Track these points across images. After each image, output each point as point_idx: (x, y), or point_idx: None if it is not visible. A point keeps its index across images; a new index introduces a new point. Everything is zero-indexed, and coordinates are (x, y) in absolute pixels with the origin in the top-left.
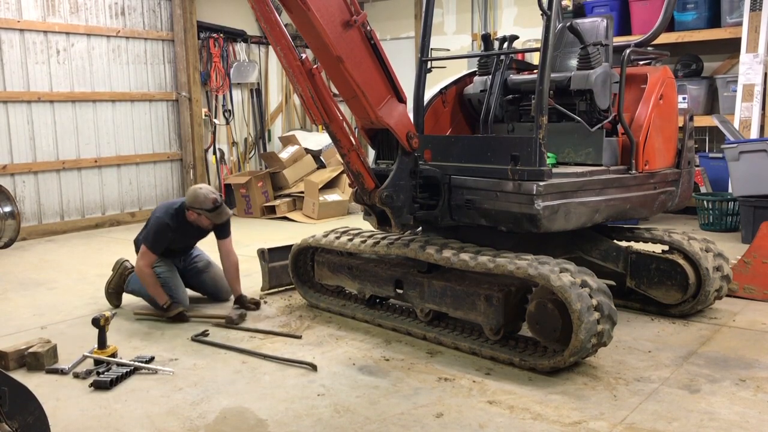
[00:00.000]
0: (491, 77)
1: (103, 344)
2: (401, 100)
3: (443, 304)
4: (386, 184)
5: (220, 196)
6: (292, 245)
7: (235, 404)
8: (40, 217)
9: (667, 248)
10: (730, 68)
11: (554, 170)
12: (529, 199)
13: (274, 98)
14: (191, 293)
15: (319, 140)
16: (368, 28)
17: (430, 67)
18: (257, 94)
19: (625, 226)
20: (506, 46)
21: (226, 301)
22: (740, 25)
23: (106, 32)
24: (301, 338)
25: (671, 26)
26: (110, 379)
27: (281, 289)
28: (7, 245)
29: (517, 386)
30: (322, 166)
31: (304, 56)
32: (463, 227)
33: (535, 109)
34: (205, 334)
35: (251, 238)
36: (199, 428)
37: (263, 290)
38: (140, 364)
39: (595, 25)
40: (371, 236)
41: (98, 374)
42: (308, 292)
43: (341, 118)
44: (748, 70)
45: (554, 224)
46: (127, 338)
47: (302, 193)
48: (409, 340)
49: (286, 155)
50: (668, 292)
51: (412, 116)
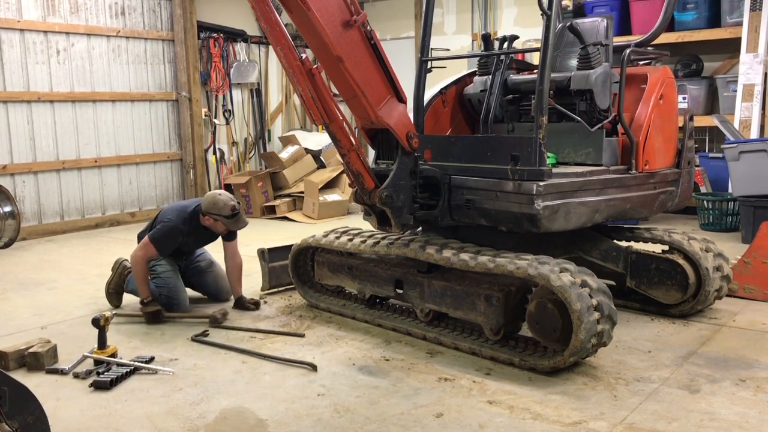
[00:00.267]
0: (491, 77)
1: (103, 344)
2: (401, 100)
3: (443, 304)
4: (386, 184)
5: (237, 203)
6: (292, 245)
7: (235, 404)
8: (40, 217)
9: (667, 248)
10: (730, 68)
11: (554, 170)
12: (529, 199)
13: (274, 98)
14: (191, 293)
15: (319, 140)
16: (368, 28)
17: (430, 67)
18: (257, 94)
19: (625, 226)
20: (506, 46)
21: (226, 301)
22: (740, 25)
23: (106, 32)
24: (304, 336)
25: (671, 26)
26: (110, 379)
27: (281, 289)
28: (7, 245)
29: (517, 386)
30: (322, 166)
31: (304, 56)
32: (463, 227)
33: (535, 109)
34: (205, 334)
35: (251, 238)
36: (199, 428)
37: (263, 290)
38: (140, 364)
39: (595, 25)
40: (371, 236)
41: (98, 374)
42: (308, 292)
43: (341, 118)
44: (748, 70)
45: (554, 224)
46: (127, 338)
47: (302, 193)
48: (409, 340)
49: (286, 155)
50: (668, 292)
51: (412, 116)
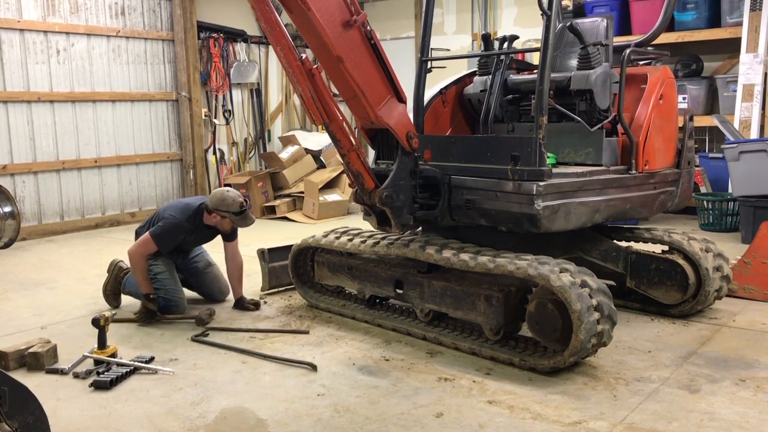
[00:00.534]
0: (491, 77)
1: (103, 344)
2: (401, 100)
3: (443, 304)
4: (386, 184)
5: (245, 200)
6: (291, 245)
7: (235, 404)
8: (40, 217)
9: (667, 248)
10: (730, 68)
11: (554, 170)
12: (529, 199)
13: (274, 98)
14: (188, 293)
15: (319, 140)
16: (368, 28)
17: (430, 67)
18: (257, 94)
19: (625, 226)
20: (506, 46)
21: (222, 302)
22: (740, 25)
23: (106, 32)
24: (308, 333)
25: (671, 26)
26: (110, 379)
27: (281, 289)
28: (7, 245)
29: (517, 386)
30: (322, 166)
31: (304, 56)
32: (463, 227)
33: (535, 109)
34: (205, 334)
35: (251, 238)
36: (199, 428)
37: (263, 290)
38: (140, 364)
39: (595, 25)
40: (371, 236)
41: (98, 374)
42: (308, 292)
43: (341, 118)
44: (748, 70)
45: (554, 224)
46: (127, 338)
47: (302, 193)
48: (409, 340)
49: (286, 155)
50: (668, 292)
51: (412, 116)
